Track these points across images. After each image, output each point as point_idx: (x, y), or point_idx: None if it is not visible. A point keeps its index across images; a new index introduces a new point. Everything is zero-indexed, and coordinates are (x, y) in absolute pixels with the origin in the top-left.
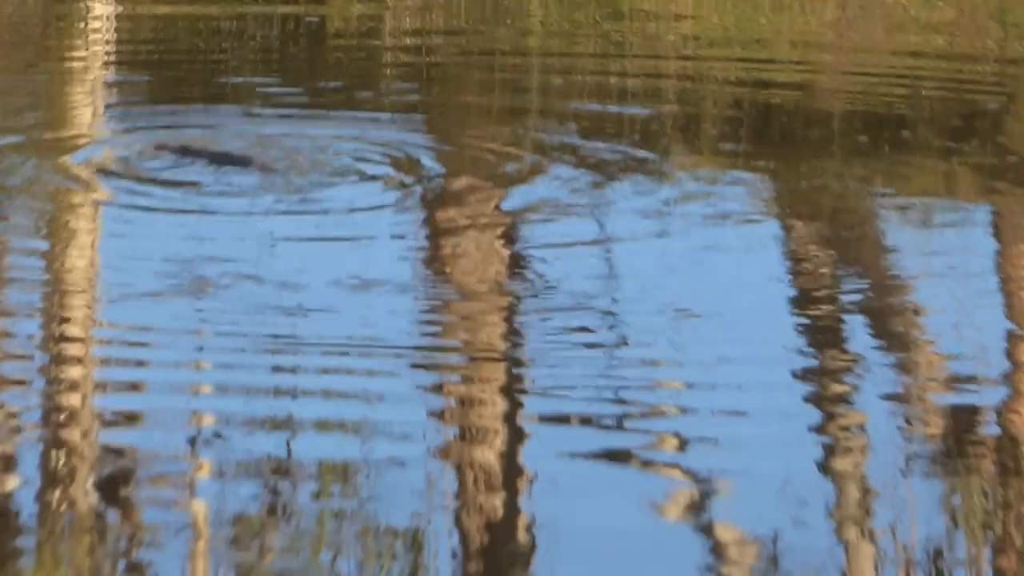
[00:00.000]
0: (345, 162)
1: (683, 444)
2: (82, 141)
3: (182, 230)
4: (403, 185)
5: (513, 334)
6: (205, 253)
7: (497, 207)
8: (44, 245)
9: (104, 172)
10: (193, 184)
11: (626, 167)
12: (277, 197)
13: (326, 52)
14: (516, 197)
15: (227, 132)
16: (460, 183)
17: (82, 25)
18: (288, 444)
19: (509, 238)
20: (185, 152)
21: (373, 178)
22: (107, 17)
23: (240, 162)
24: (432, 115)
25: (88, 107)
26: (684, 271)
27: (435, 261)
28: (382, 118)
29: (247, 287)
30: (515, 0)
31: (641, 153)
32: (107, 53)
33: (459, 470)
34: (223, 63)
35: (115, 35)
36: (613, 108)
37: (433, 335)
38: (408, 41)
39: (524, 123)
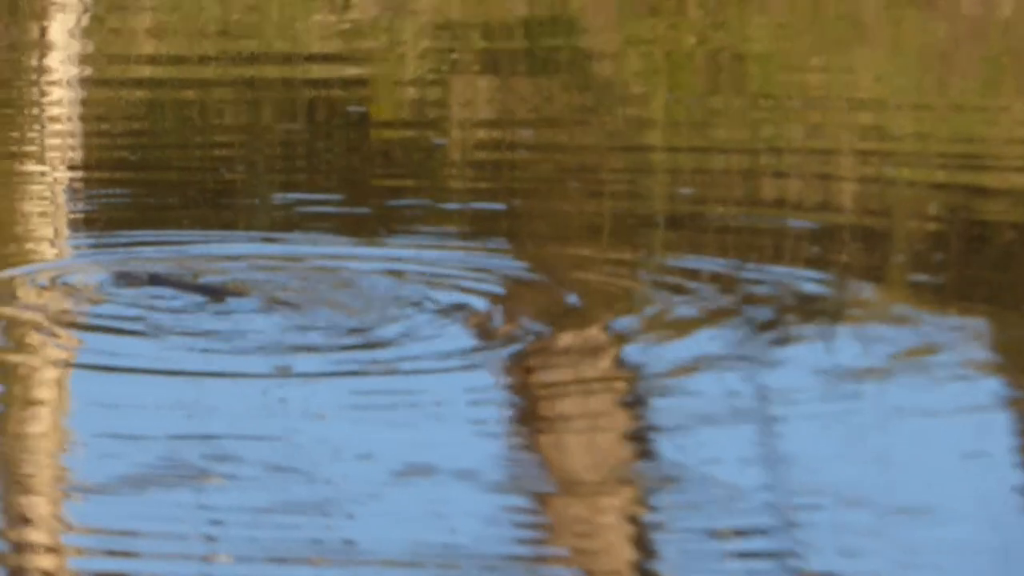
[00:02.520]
0: (400, 298)
1: None
2: (38, 275)
3: (174, 396)
4: (483, 331)
5: (640, 541)
6: (207, 428)
7: (612, 362)
8: None
9: (67, 315)
10: (192, 333)
11: (787, 303)
12: (304, 349)
13: (372, 148)
14: (637, 348)
15: (233, 254)
16: (560, 329)
17: (34, 98)
18: None
19: (629, 406)
20: (172, 284)
21: (440, 321)
22: (67, 83)
23: (229, 296)
24: (518, 232)
25: (45, 225)
26: (870, 450)
27: (529, 439)
28: (451, 237)
29: (268, 475)
30: (627, 80)
31: (808, 283)
32: (70, 146)
33: None
34: (228, 161)
35: (80, 116)
36: (768, 220)
37: (530, 543)
38: (483, 134)
39: (645, 242)
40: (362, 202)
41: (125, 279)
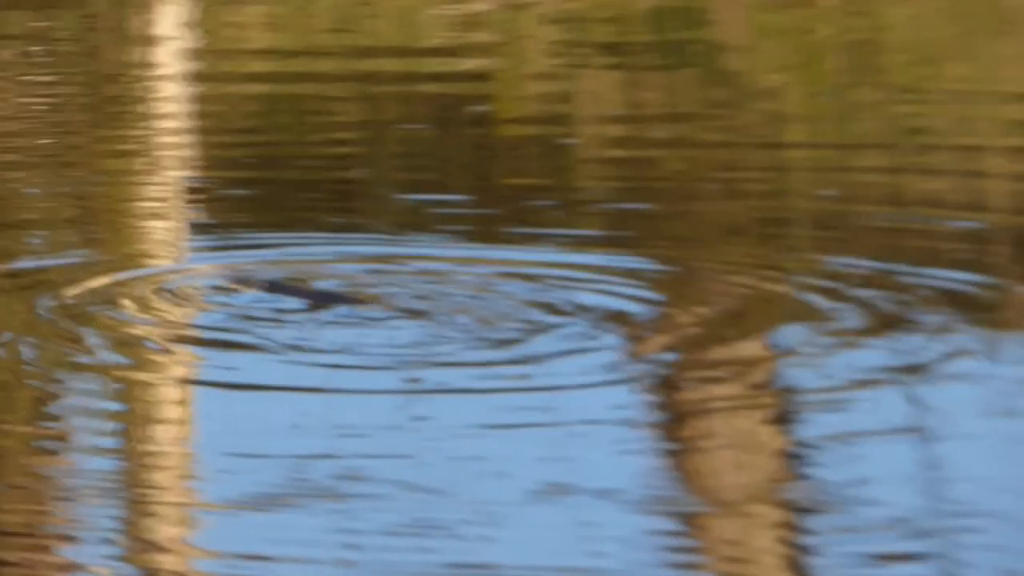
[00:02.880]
0: (535, 305)
1: None
2: (152, 281)
3: (301, 412)
4: (625, 341)
5: (794, 565)
6: (337, 447)
7: (764, 375)
8: (110, 441)
9: (185, 327)
10: (315, 347)
11: (946, 309)
12: (435, 361)
13: (498, 146)
14: (791, 360)
15: (356, 258)
16: (709, 339)
17: (145, 108)
18: None
19: (781, 423)
20: (292, 292)
21: (578, 330)
22: (179, 79)
23: (354, 304)
24: (657, 234)
25: (158, 228)
26: None
27: (676, 457)
28: (586, 240)
29: (402, 495)
30: (760, 72)
31: (965, 287)
32: (182, 144)
33: None
34: (348, 160)
35: (193, 113)
36: (917, 220)
37: (680, 567)
38: (613, 131)
39: (790, 245)
40: (490, 202)
41: (243, 286)
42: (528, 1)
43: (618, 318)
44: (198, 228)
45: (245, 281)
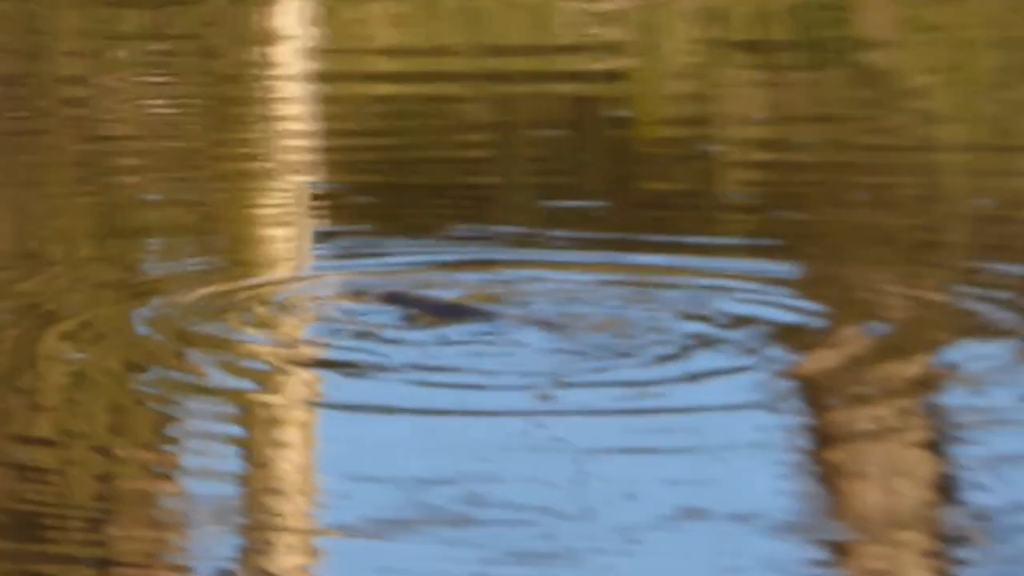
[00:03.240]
0: (677, 317)
1: None
2: (272, 293)
3: (424, 434)
4: (766, 361)
5: None
6: (463, 469)
7: (917, 395)
8: (228, 465)
9: (306, 344)
10: (438, 367)
11: None
12: (568, 379)
13: (636, 148)
14: (948, 380)
15: (487, 268)
16: (854, 358)
17: (266, 110)
18: None
19: (935, 445)
20: (415, 304)
21: (722, 344)
22: (301, 78)
23: (481, 317)
24: (807, 241)
25: (281, 232)
26: None
27: (822, 483)
28: (730, 248)
29: (531, 519)
30: (909, 71)
31: None
32: (305, 147)
33: None
34: (479, 163)
35: (316, 114)
36: None
37: None
38: (755, 132)
39: (949, 256)
40: (629, 208)
41: (364, 298)
42: None
43: (764, 331)
44: (320, 235)
45: (366, 293)
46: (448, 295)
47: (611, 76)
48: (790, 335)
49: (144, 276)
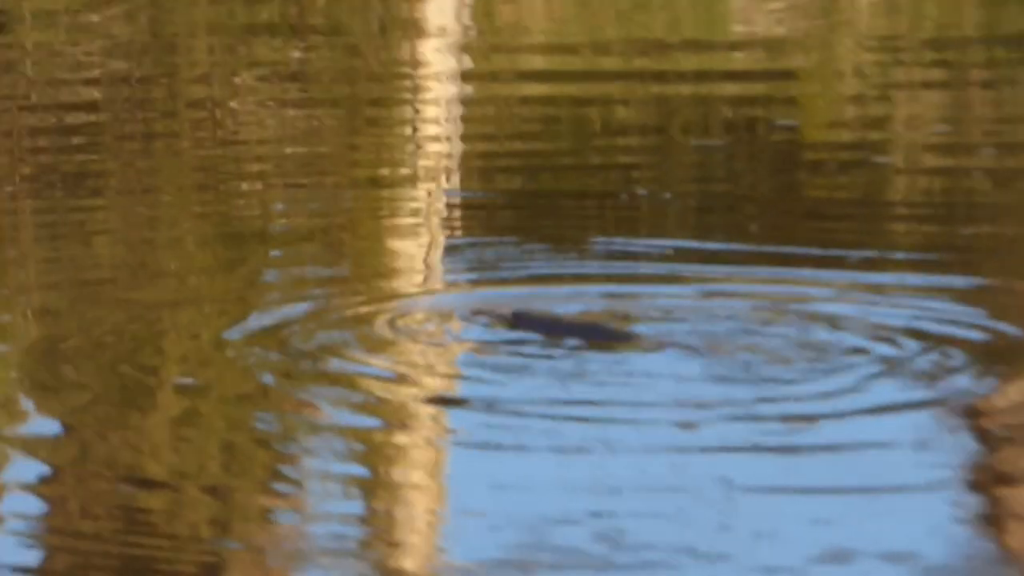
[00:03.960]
0: (835, 343)
1: None
2: (401, 315)
3: (557, 468)
4: (936, 397)
5: None
6: (598, 506)
7: None
8: (355, 505)
9: (429, 372)
10: (571, 398)
11: None
12: (714, 409)
13: (802, 157)
14: None
15: (632, 287)
16: None
17: (406, 96)
18: None
19: None
20: (544, 327)
21: (890, 374)
22: (446, 78)
23: (616, 341)
24: (981, 259)
25: (411, 244)
26: None
27: (985, 525)
28: (899, 285)
29: (671, 559)
30: None
31: None
32: (447, 154)
33: None
34: (633, 170)
35: (460, 117)
36: None
37: None
38: (933, 141)
39: None
40: (793, 221)
41: (493, 319)
42: (840, 21)
43: (941, 355)
44: (453, 247)
45: (496, 314)
46: (586, 314)
47: (780, 75)
48: (968, 360)
49: (259, 292)
